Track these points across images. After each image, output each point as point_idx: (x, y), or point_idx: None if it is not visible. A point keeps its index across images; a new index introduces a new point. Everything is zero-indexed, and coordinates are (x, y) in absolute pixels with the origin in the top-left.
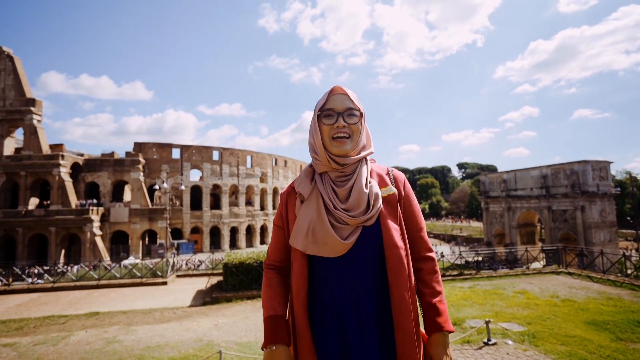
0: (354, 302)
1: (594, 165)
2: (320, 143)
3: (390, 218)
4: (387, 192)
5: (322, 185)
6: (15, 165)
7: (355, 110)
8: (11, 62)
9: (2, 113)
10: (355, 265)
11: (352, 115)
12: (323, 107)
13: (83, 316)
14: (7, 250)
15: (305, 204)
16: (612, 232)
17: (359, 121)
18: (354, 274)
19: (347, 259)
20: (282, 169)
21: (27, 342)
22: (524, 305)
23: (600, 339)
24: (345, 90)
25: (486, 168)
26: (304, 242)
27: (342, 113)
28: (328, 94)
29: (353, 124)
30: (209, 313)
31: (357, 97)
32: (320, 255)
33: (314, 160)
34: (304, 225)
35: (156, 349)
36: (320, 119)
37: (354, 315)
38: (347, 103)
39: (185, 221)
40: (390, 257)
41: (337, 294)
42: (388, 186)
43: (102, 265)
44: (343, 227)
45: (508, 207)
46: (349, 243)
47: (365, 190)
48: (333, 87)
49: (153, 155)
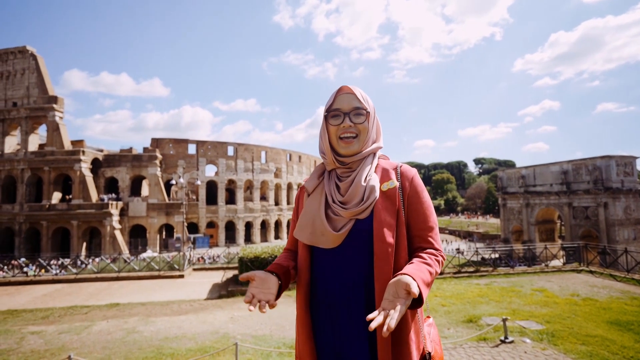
0: (345, 294)
1: (619, 160)
2: (327, 144)
3: (385, 212)
4: (387, 186)
5: (328, 181)
6: (39, 160)
7: (362, 109)
8: (35, 61)
9: (26, 110)
10: (347, 258)
11: (359, 115)
12: (330, 108)
13: (104, 307)
14: (33, 242)
15: (310, 198)
16: (637, 230)
17: (366, 120)
18: (346, 267)
19: (341, 250)
20: (297, 164)
21: (53, 330)
22: (542, 303)
23: (624, 340)
24: (353, 90)
25: (504, 163)
26: (305, 234)
27: (349, 113)
28: (335, 94)
29: (360, 124)
30: (225, 306)
31: (365, 95)
32: (318, 246)
33: (323, 160)
34: (306, 217)
35: (174, 340)
36: (328, 119)
37: (345, 308)
38: (354, 103)
39: (201, 216)
40: (377, 252)
41: (331, 285)
42: (389, 180)
43: (121, 258)
44: (337, 218)
45: (526, 204)
46: (340, 234)
47: (363, 184)
48: (340, 87)
49: (170, 151)
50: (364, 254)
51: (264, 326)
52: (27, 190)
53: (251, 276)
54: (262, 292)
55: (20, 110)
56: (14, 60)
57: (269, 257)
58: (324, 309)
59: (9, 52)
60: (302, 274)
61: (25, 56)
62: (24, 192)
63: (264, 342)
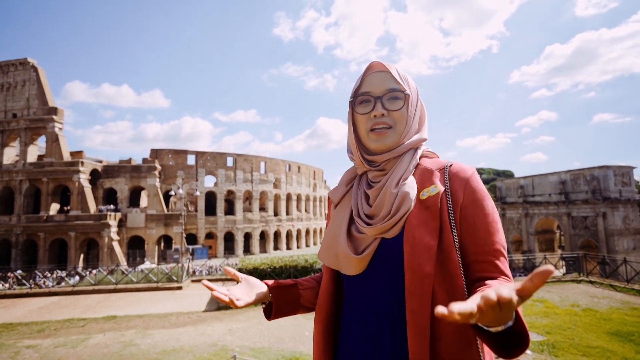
0: (369, 334)
1: (616, 170)
2: (353, 139)
3: (421, 230)
4: (428, 193)
5: (357, 188)
6: (38, 171)
7: (399, 91)
8: (35, 73)
9: (26, 121)
10: (374, 288)
11: (395, 99)
12: (357, 92)
13: (101, 319)
14: (30, 254)
15: (337, 210)
16: (637, 240)
17: (405, 105)
18: (372, 300)
19: (364, 279)
20: (296, 175)
21: (49, 344)
22: (542, 314)
23: (625, 351)
24: (387, 66)
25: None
26: (328, 256)
27: (381, 97)
28: (363, 73)
29: (396, 110)
30: (223, 318)
31: (404, 74)
32: (341, 272)
33: (352, 162)
34: (329, 236)
35: (172, 352)
36: (355, 106)
37: (369, 351)
38: (388, 83)
39: (200, 227)
40: (409, 285)
41: (354, 321)
42: (432, 185)
43: (119, 270)
44: (361, 237)
45: (525, 214)
46: (361, 258)
47: (393, 190)
48: (370, 64)
49: (169, 162)
50: (393, 284)
51: (263, 338)
52: (25, 202)
53: (237, 277)
54: (239, 291)
55: (20, 121)
56: (14, 72)
57: (268, 269)
58: (347, 342)
59: (10, 64)
60: (322, 300)
61: (26, 68)
62: (22, 204)
63: (262, 354)
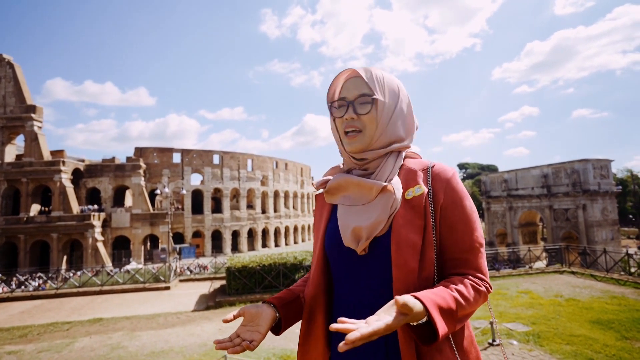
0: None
1: (595, 163)
2: (337, 139)
3: (407, 227)
4: (412, 193)
5: None
6: (17, 172)
7: (368, 95)
8: (11, 69)
9: (2, 120)
10: (361, 284)
11: (365, 104)
12: (334, 97)
13: (87, 322)
14: (9, 257)
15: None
16: (614, 231)
17: (373, 109)
18: (361, 296)
19: (354, 274)
20: (283, 172)
21: (31, 349)
22: (528, 305)
23: (606, 338)
24: (359, 72)
25: (487, 168)
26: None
27: (353, 102)
28: (337, 78)
29: (364, 115)
30: (213, 317)
31: (381, 77)
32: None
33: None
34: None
35: (161, 354)
36: (333, 111)
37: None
38: (360, 88)
39: (187, 225)
40: (396, 281)
41: (344, 314)
42: (416, 186)
43: (104, 271)
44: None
45: (509, 207)
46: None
47: None
48: (347, 70)
49: (154, 160)
50: (381, 280)
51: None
52: (3, 203)
53: (241, 314)
54: (248, 331)
55: None
56: None
57: (257, 267)
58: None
59: None
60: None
61: (2, 64)
62: (0, 205)
63: (254, 353)
